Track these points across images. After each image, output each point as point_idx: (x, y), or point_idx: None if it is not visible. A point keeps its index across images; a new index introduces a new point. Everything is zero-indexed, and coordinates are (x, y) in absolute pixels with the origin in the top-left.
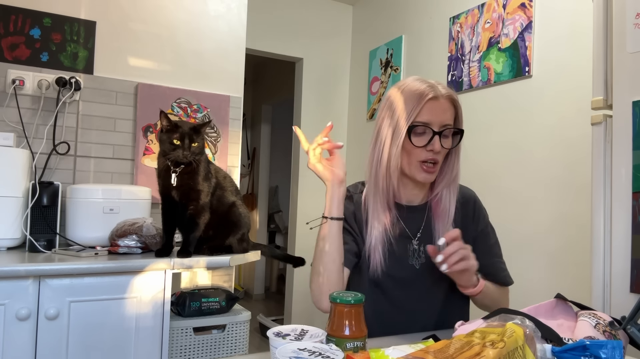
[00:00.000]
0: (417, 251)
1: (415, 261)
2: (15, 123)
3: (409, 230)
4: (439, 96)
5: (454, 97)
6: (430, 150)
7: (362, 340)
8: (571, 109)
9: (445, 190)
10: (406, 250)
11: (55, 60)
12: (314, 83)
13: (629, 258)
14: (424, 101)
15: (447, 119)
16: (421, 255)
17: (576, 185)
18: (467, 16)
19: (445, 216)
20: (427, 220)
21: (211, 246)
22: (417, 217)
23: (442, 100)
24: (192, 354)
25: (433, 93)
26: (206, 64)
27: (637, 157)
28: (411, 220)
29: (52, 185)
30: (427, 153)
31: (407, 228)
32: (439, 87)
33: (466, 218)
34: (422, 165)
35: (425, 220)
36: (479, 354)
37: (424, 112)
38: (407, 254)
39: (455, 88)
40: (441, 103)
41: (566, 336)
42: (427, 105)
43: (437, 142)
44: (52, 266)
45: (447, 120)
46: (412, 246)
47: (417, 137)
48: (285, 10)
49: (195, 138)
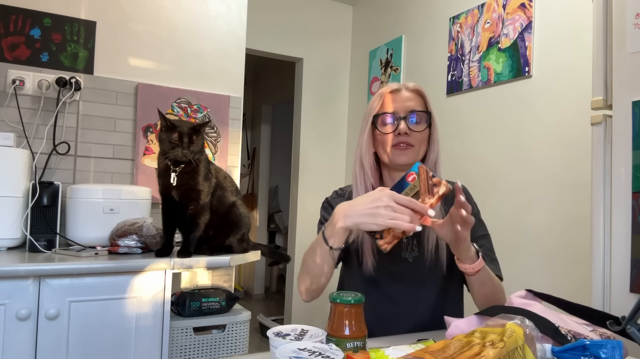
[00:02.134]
0: (410, 244)
1: (408, 255)
2: (16, 123)
3: None
4: (400, 88)
5: (419, 88)
6: (398, 134)
7: (362, 340)
8: (571, 109)
9: None
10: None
11: (55, 60)
12: (314, 83)
13: (629, 258)
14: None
15: (412, 106)
16: (414, 248)
17: (576, 185)
18: (467, 16)
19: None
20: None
21: (211, 246)
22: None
23: (404, 91)
24: (192, 354)
25: (396, 86)
26: (206, 64)
27: (637, 157)
28: None
29: (52, 185)
30: (397, 138)
31: None
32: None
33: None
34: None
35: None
36: (479, 354)
37: (386, 103)
38: (400, 247)
39: (455, 89)
40: (403, 93)
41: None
42: (388, 97)
43: (403, 124)
44: (52, 266)
45: (412, 107)
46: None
47: (383, 125)
48: (285, 10)
49: (194, 137)
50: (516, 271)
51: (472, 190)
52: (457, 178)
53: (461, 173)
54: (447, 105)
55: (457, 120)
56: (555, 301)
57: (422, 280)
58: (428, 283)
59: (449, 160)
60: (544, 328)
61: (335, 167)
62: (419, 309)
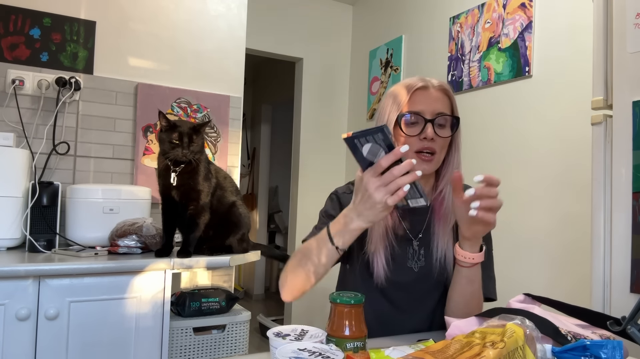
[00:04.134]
0: (416, 253)
1: (414, 264)
2: (15, 123)
3: (410, 231)
4: (428, 86)
5: (446, 87)
6: (424, 139)
7: (362, 340)
8: (571, 109)
9: (448, 187)
10: (406, 252)
11: (55, 60)
12: (314, 83)
13: (629, 258)
14: (412, 90)
15: (440, 107)
16: (420, 258)
17: (576, 185)
18: (467, 16)
19: (447, 218)
20: (428, 221)
21: (211, 246)
22: (419, 218)
23: (432, 90)
24: (192, 354)
25: (422, 83)
26: (206, 64)
27: (637, 157)
28: (413, 219)
29: (52, 185)
30: (421, 142)
31: (408, 228)
32: (430, 79)
33: None
34: (419, 155)
35: (427, 221)
36: (479, 354)
37: (414, 101)
38: (406, 256)
39: (455, 89)
40: (431, 92)
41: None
42: (416, 94)
43: (430, 128)
44: (52, 266)
45: (440, 109)
46: (412, 249)
47: (409, 127)
48: (285, 10)
49: (194, 137)
50: (516, 271)
51: None
52: None
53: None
54: None
55: None
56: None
57: (427, 290)
58: (431, 293)
59: None
60: (544, 328)
61: (336, 167)
62: (419, 317)
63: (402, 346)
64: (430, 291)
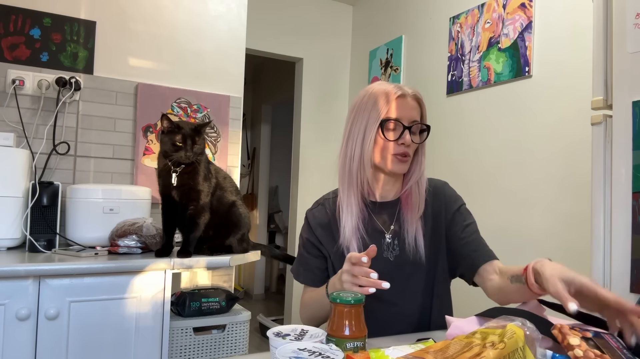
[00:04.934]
0: (390, 244)
1: (389, 254)
2: (15, 123)
3: (381, 224)
4: (406, 94)
5: (419, 95)
6: (402, 144)
7: (362, 340)
8: (571, 109)
9: (414, 185)
10: (381, 244)
11: (55, 60)
12: (314, 83)
13: (629, 258)
14: (392, 98)
15: (415, 116)
16: (395, 247)
17: (576, 185)
18: (467, 16)
19: (415, 209)
20: (398, 213)
21: (211, 246)
22: (389, 212)
23: (408, 98)
24: (192, 354)
25: (400, 91)
26: (206, 64)
27: (637, 157)
28: (384, 215)
29: (52, 185)
30: (398, 147)
31: (380, 223)
32: (405, 87)
33: (439, 207)
34: (395, 157)
35: (397, 214)
36: (479, 355)
37: (394, 108)
38: (381, 248)
39: (455, 89)
40: (408, 101)
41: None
42: (395, 102)
43: (408, 135)
44: (52, 266)
45: (415, 117)
46: (385, 241)
47: (388, 131)
48: (285, 10)
49: (196, 138)
50: None
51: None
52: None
53: (461, 173)
54: (447, 105)
55: (457, 120)
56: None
57: (407, 276)
58: (412, 281)
59: (449, 160)
60: (545, 329)
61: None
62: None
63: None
64: (410, 276)
